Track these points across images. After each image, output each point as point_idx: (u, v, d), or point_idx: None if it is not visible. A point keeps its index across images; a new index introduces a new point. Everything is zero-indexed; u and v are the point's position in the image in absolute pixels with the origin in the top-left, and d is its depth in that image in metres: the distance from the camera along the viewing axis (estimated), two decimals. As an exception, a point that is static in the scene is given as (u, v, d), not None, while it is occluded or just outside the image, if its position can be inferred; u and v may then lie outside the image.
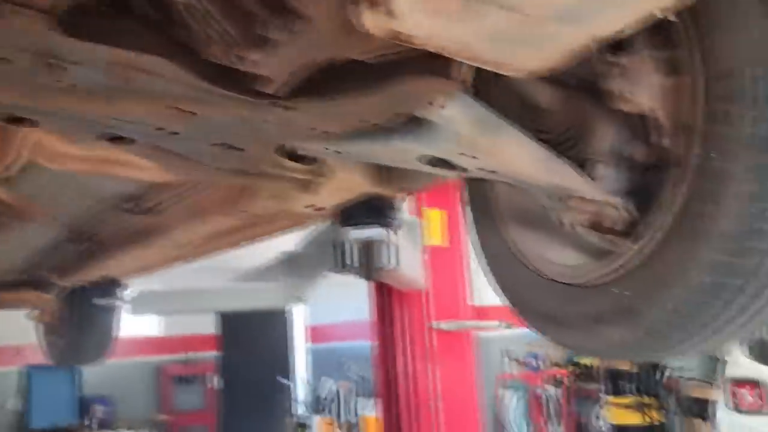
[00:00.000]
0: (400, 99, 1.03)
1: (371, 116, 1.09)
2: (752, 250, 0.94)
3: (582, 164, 1.18)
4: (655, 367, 8.32)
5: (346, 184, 1.51)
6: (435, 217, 3.15)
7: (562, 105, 1.21)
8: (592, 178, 1.17)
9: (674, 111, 1.02)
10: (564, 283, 1.26)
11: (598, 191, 1.14)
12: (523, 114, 1.23)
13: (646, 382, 7.96)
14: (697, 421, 7.56)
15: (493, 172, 1.19)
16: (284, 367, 10.89)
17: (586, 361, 9.23)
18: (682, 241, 1.01)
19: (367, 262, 1.76)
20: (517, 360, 7.35)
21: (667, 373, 8.26)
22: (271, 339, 11.14)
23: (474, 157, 1.13)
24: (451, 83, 0.99)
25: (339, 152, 1.24)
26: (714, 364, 5.79)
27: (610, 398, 8.02)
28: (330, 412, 8.31)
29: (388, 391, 3.06)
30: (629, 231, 1.13)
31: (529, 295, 1.35)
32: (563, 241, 1.28)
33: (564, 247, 1.29)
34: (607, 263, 1.16)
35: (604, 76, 1.06)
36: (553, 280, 1.28)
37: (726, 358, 5.16)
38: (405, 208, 2.73)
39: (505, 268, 1.41)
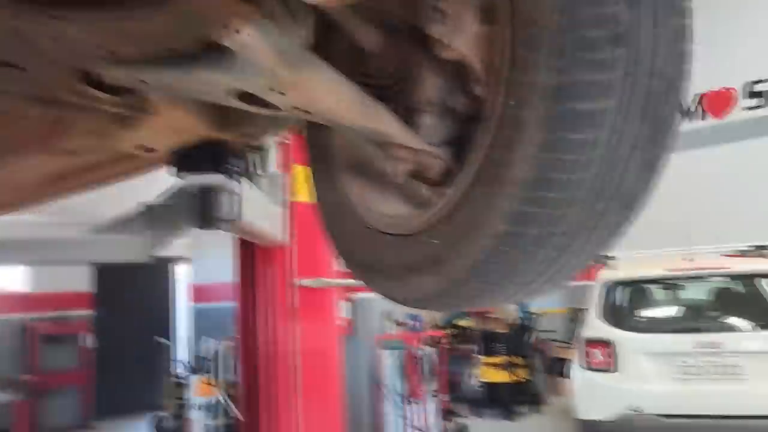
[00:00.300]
0: (191, 19, 0.99)
1: (167, 40, 1.03)
2: (545, 200, 0.95)
3: (408, 112, 1.18)
4: (525, 329, 8.87)
5: (177, 124, 1.44)
6: (302, 172, 3.09)
7: (388, 49, 1.21)
8: (417, 127, 1.18)
9: (487, 59, 1.04)
10: (387, 233, 1.27)
11: (418, 140, 1.15)
12: (349, 57, 1.22)
13: (517, 344, 8.48)
14: (558, 379, 8.16)
15: (307, 112, 1.16)
16: (165, 326, 10.59)
17: (463, 323, 9.68)
18: (482, 190, 1.02)
19: (204, 211, 1.70)
20: (396, 321, 7.55)
21: (534, 336, 8.84)
22: (151, 298, 10.78)
23: (282, 93, 1.10)
24: (246, 6, 0.96)
25: (144, 82, 1.17)
26: (575, 326, 6.21)
27: (483, 358, 8.48)
28: (209, 371, 8.15)
29: (248, 350, 3.03)
30: (445, 181, 1.15)
31: (354, 245, 1.36)
32: (389, 191, 1.30)
33: (390, 197, 1.30)
34: (423, 213, 1.18)
35: (428, 22, 1.07)
36: (377, 229, 1.29)
37: (582, 321, 5.54)
38: (272, 161, 2.67)
39: (336, 218, 1.41)
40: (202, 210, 1.68)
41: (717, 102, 9.62)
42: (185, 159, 1.60)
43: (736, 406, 4.64)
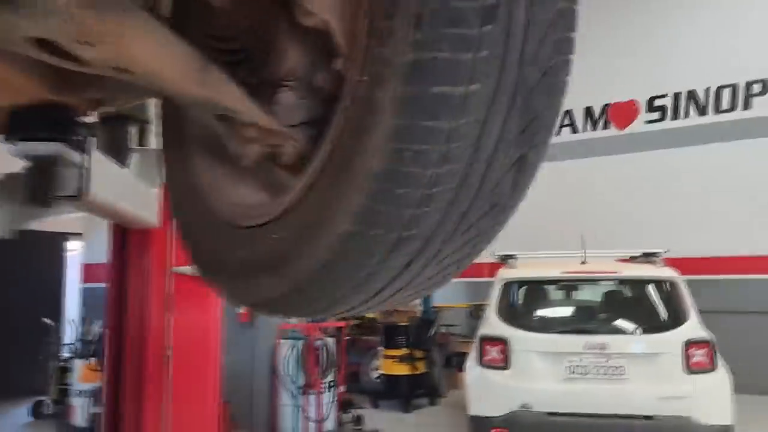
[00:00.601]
0: None
1: None
2: (397, 197, 0.82)
3: (264, 86, 1.05)
4: (427, 323, 8.94)
5: (4, 82, 1.23)
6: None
7: (243, 9, 1.07)
8: (273, 104, 1.04)
9: (348, 28, 0.91)
10: (236, 225, 1.13)
11: (268, 118, 1.01)
12: (195, 14, 1.07)
13: (419, 337, 8.53)
14: (458, 372, 8.28)
15: (126, 71, 1.00)
16: (54, 307, 9.95)
17: (368, 315, 9.66)
18: (328, 181, 0.90)
19: (37, 186, 1.48)
20: (298, 311, 7.40)
21: (436, 329, 8.93)
22: (40, 275, 10.09)
23: (90, 45, 0.93)
24: None
25: None
26: (476, 322, 6.29)
27: (385, 350, 8.48)
28: (96, 355, 7.69)
29: (115, 336, 2.80)
30: (301, 168, 1.02)
31: (200, 235, 1.22)
32: (243, 176, 1.16)
33: (243, 183, 1.16)
34: (271, 204, 1.05)
35: None
36: (225, 220, 1.15)
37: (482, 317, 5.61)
38: (154, 137, 2.45)
39: (184, 203, 1.25)
40: (34, 184, 1.46)
41: (621, 113, 10.05)
42: (17, 123, 1.38)
43: (618, 406, 4.83)
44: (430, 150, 0.80)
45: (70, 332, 9.09)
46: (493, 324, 5.32)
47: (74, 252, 10.68)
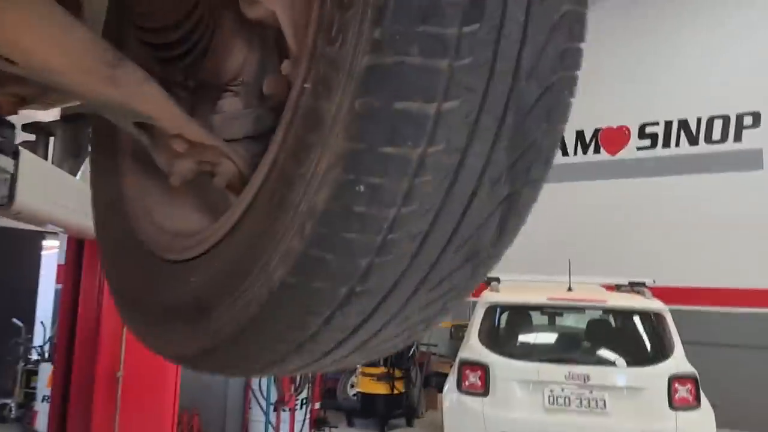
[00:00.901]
0: None
1: None
2: (344, 242, 0.64)
3: (204, 91, 0.89)
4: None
5: None
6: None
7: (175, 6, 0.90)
8: (212, 113, 0.88)
9: (299, 21, 0.74)
10: (160, 257, 0.96)
11: (196, 129, 0.85)
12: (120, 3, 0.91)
13: (398, 356, 8.35)
14: (435, 393, 8.11)
15: (11, 62, 0.82)
16: (27, 308, 9.66)
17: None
18: (261, 217, 0.72)
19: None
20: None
21: (416, 349, 8.75)
22: (13, 274, 9.81)
23: None
24: None
25: None
26: (458, 344, 6.14)
27: (363, 368, 8.29)
28: (64, 361, 7.46)
29: (65, 340, 2.61)
30: (238, 193, 0.85)
31: (120, 266, 1.04)
32: (172, 199, 0.99)
33: (171, 207, 1.00)
34: (201, 237, 0.88)
35: None
36: (149, 249, 0.98)
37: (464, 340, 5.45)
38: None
39: (109, 224, 1.09)
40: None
41: (612, 138, 9.99)
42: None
43: (597, 439, 4.68)
44: (391, 184, 0.62)
45: (41, 334, 8.83)
46: (474, 348, 5.17)
47: (51, 251, 10.42)
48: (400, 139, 0.60)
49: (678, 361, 4.83)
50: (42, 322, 8.89)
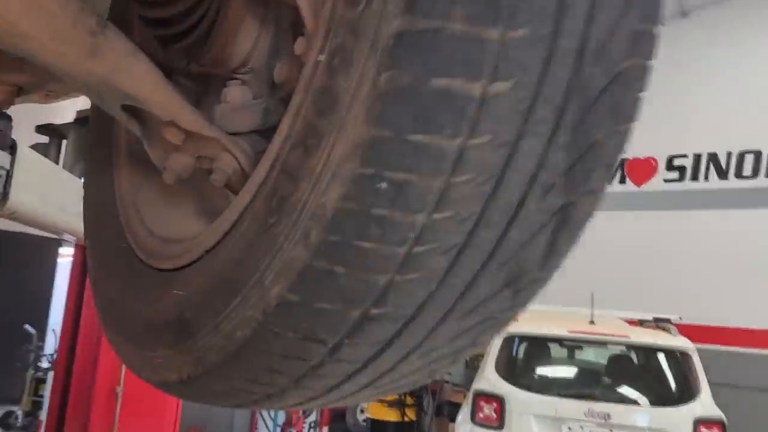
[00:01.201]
0: None
1: None
2: (358, 254, 0.52)
3: (206, 77, 0.78)
4: (421, 368, 8.59)
5: None
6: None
7: None
8: (218, 103, 0.77)
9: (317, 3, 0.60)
10: (149, 265, 0.85)
11: (194, 118, 0.74)
12: None
13: (411, 382, 8.16)
14: (447, 423, 7.87)
15: None
16: (40, 314, 9.66)
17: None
18: (258, 222, 0.60)
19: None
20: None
21: (430, 376, 8.55)
22: (29, 281, 9.86)
23: None
24: None
25: None
26: (473, 372, 5.96)
27: (374, 393, 8.11)
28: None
29: (66, 364, 2.52)
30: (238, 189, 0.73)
31: (109, 274, 0.93)
32: (167, 197, 0.88)
33: (166, 207, 0.89)
34: (196, 240, 0.76)
35: None
36: (136, 255, 0.87)
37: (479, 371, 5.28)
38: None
39: (99, 225, 0.98)
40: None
41: (639, 169, 9.79)
42: None
43: (616, 483, 4.46)
44: (421, 182, 0.49)
45: (52, 342, 8.80)
46: (489, 379, 4.99)
47: (68, 259, 10.46)
48: (435, 126, 0.48)
49: (704, 404, 4.61)
50: (54, 330, 8.86)
